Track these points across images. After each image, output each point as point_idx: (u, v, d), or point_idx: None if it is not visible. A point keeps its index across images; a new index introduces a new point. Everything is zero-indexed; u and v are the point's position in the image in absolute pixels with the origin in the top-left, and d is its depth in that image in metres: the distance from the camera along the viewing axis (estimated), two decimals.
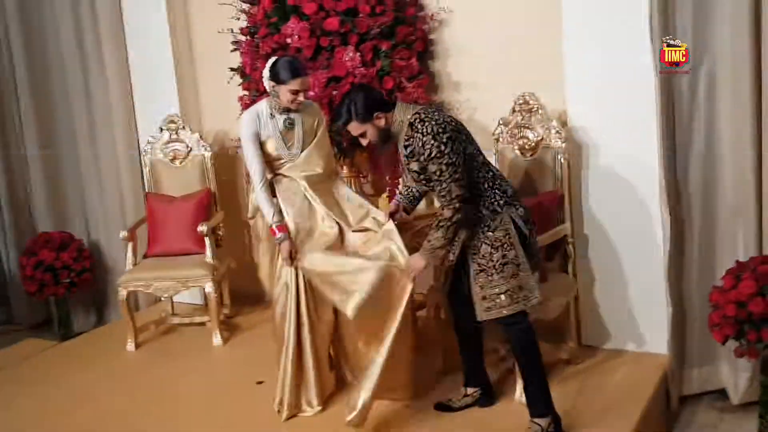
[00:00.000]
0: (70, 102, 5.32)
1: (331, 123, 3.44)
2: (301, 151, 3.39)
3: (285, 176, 3.39)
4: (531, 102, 3.67)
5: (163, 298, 4.77)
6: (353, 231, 3.37)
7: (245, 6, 4.21)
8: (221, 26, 4.35)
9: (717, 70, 3.42)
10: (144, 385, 3.93)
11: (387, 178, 4.22)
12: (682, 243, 3.62)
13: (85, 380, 4.08)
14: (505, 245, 2.96)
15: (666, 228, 3.53)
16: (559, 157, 3.59)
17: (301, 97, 3.28)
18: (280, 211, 3.36)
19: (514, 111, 3.74)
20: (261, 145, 3.35)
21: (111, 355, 4.43)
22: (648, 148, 3.51)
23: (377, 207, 4.11)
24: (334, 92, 3.83)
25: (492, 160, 3.85)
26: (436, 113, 2.96)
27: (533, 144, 3.68)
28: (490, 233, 2.96)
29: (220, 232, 4.75)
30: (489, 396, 3.38)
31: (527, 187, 3.68)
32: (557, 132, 3.59)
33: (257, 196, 3.36)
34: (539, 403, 3.05)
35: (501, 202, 2.98)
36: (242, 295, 4.96)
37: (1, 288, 5.95)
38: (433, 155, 2.86)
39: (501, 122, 3.79)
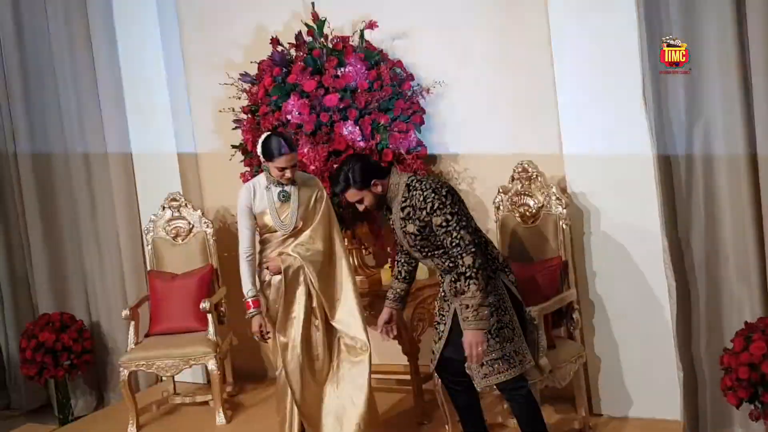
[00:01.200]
0: (71, 183, 5.36)
1: (330, 192, 3.49)
2: (296, 224, 3.42)
3: (289, 254, 3.41)
4: (530, 170, 3.72)
5: (164, 378, 4.70)
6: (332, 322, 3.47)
7: (246, 86, 4.31)
8: (222, 105, 4.46)
9: (711, 128, 3.47)
10: None
11: (388, 249, 4.24)
12: (689, 306, 3.60)
13: None
14: (500, 310, 2.97)
15: (672, 291, 3.52)
16: (560, 223, 3.61)
17: (288, 173, 3.35)
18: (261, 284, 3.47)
19: (513, 179, 3.78)
20: (258, 218, 3.44)
21: None
22: (649, 211, 3.54)
23: (380, 278, 4.14)
24: (335, 166, 3.88)
25: (493, 227, 3.90)
26: (430, 177, 3.12)
27: (534, 211, 3.70)
28: None
29: (223, 309, 4.71)
30: None
31: (529, 254, 3.69)
32: (557, 198, 3.62)
33: (240, 266, 3.47)
34: None
35: (493, 267, 3.01)
36: (245, 373, 4.89)
37: (0, 372, 5.86)
38: (435, 207, 2.89)
39: (501, 190, 3.83)
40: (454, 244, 2.88)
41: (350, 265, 3.60)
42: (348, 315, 3.44)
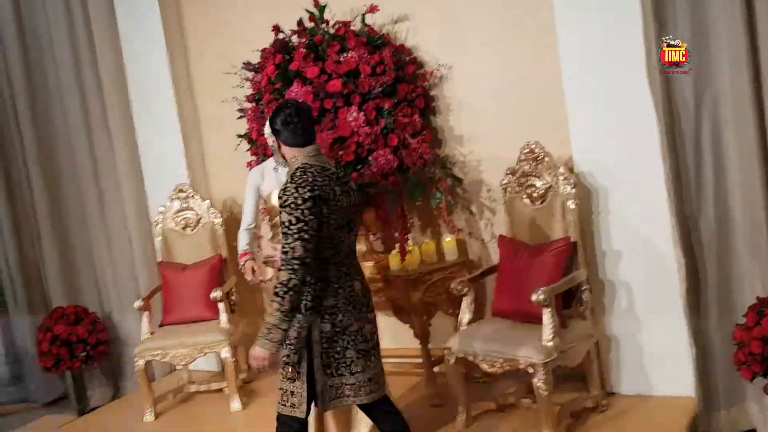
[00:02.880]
0: (78, 177, 5.38)
1: None
2: None
3: None
4: (537, 150, 3.69)
5: (179, 367, 4.74)
6: None
7: (249, 74, 4.29)
8: (225, 95, 4.45)
9: (720, 106, 3.43)
10: None
11: (396, 234, 4.23)
12: (699, 282, 3.59)
13: None
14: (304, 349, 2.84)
15: (682, 268, 3.51)
16: (568, 203, 3.59)
17: None
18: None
19: (520, 160, 3.76)
20: (266, 200, 3.49)
21: (130, 427, 4.39)
22: (657, 188, 3.51)
23: (387, 264, 4.15)
24: (340, 152, 3.87)
25: (501, 210, 3.89)
26: (321, 176, 2.76)
27: (542, 192, 3.68)
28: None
29: (233, 297, 4.74)
30: None
31: (538, 235, 3.68)
32: (565, 178, 3.60)
33: (239, 234, 3.63)
34: None
35: (331, 303, 2.82)
36: None
37: (16, 366, 5.93)
38: (288, 203, 2.68)
39: (508, 172, 3.81)
40: (284, 250, 2.68)
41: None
42: None
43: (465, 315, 3.68)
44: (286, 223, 2.68)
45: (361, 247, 4.29)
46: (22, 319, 5.70)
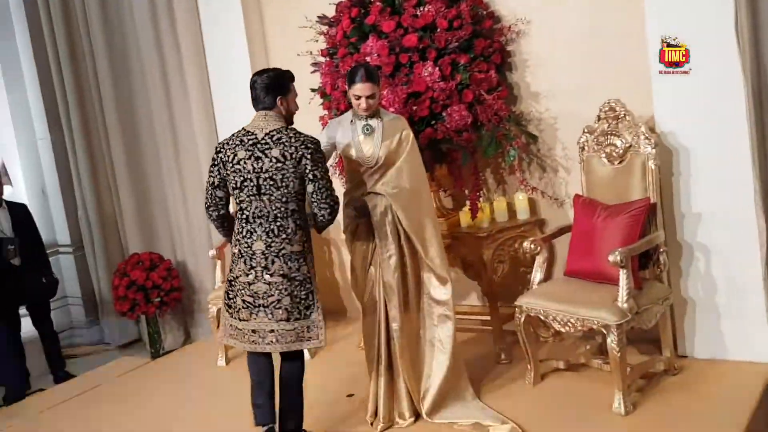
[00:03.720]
0: (155, 129, 5.50)
1: None
2: (377, 158, 3.41)
3: (377, 193, 3.42)
4: (617, 108, 3.61)
5: None
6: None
7: (324, 28, 4.29)
8: (299, 49, 4.46)
9: None
10: (237, 399, 4.01)
11: (467, 191, 4.23)
12: None
13: (179, 395, 4.21)
14: None
15: (762, 233, 3.43)
16: (649, 163, 3.51)
17: (363, 103, 3.35)
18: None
19: (599, 119, 3.69)
20: (343, 151, 3.47)
21: (202, 371, 4.55)
22: (740, 151, 3.42)
23: (458, 220, 4.15)
24: (414, 108, 3.86)
25: (577, 168, 3.84)
26: (233, 139, 3.19)
27: (621, 151, 3.61)
28: None
29: None
30: None
31: (615, 195, 3.62)
32: (646, 138, 3.52)
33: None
34: None
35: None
36: (325, 312, 5.00)
37: (93, 309, 6.18)
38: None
39: (586, 130, 3.75)
40: None
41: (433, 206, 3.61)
42: (436, 256, 3.45)
43: (537, 274, 3.68)
44: None
45: (434, 203, 4.32)
46: (99, 264, 5.92)
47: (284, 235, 3.13)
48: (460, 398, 3.51)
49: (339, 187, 3.45)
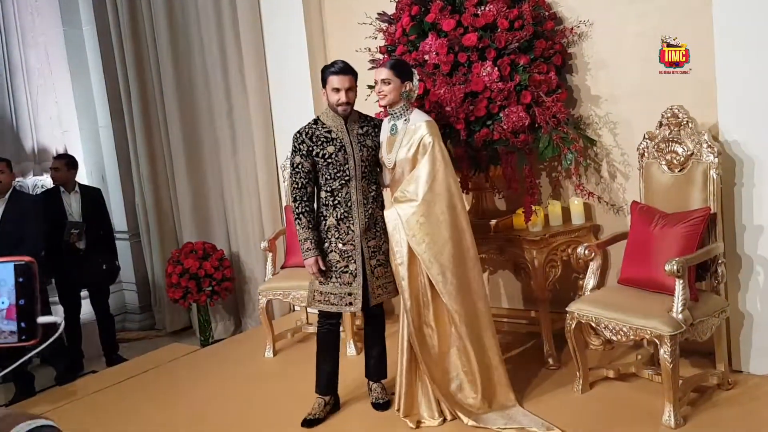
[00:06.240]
0: (214, 121, 5.61)
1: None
2: (394, 160, 3.40)
3: (389, 210, 3.43)
4: (680, 115, 3.53)
5: (297, 308, 4.92)
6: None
7: (383, 25, 4.30)
8: (358, 45, 4.48)
9: None
10: (282, 390, 4.07)
11: (521, 194, 4.19)
12: None
13: (226, 383, 4.27)
14: None
15: None
16: (710, 172, 3.42)
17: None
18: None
19: (661, 125, 3.61)
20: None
21: (251, 361, 4.61)
22: None
23: (511, 222, 4.12)
24: (471, 107, 3.84)
25: (636, 175, 3.77)
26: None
27: (682, 159, 3.53)
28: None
29: None
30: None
31: (675, 204, 3.54)
32: (709, 146, 3.43)
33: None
34: None
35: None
36: None
37: (146, 295, 6.33)
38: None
39: (646, 136, 3.68)
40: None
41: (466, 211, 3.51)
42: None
43: (590, 280, 3.62)
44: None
45: (484, 204, 4.30)
46: (154, 251, 6.06)
47: None
48: (500, 406, 3.45)
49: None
